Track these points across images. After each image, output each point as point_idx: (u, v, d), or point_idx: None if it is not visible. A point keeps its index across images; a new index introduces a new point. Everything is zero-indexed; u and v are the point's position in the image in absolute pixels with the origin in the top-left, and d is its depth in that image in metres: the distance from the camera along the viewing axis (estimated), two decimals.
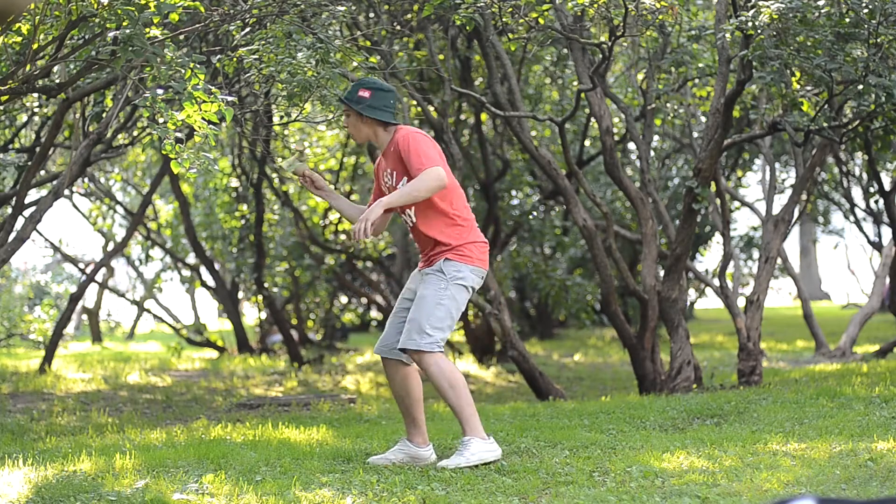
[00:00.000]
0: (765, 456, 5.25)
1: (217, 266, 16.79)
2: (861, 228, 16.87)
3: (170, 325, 16.40)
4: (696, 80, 10.28)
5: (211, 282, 15.78)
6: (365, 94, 5.47)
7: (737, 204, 15.55)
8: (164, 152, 5.68)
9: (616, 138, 10.98)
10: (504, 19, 8.06)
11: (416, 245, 5.64)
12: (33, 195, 11.97)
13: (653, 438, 5.92)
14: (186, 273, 17.79)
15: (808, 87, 8.21)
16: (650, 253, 8.65)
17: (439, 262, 5.42)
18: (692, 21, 9.63)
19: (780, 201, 12.18)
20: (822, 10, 7.33)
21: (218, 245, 16.37)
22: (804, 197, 12.92)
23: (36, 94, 9.61)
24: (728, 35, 7.88)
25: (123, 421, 7.94)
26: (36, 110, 10.85)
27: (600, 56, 8.49)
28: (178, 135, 5.69)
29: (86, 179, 14.53)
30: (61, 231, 32.16)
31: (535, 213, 14.78)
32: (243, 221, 15.37)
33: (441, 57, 9.81)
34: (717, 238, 17.38)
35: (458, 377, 5.35)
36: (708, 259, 19.88)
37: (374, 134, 5.54)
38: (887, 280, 12.19)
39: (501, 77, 9.31)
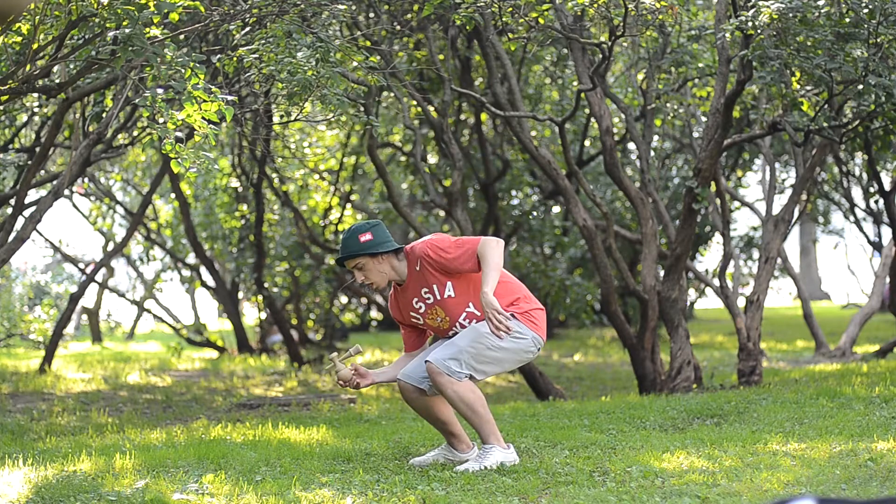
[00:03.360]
0: (765, 456, 5.24)
1: (217, 266, 16.78)
2: (861, 228, 16.87)
3: (170, 325, 16.39)
4: (696, 80, 10.28)
5: (211, 282, 15.78)
6: (367, 236, 5.36)
7: (737, 204, 15.55)
8: (164, 152, 5.68)
9: (616, 138, 10.98)
10: (504, 19, 8.06)
11: (441, 334, 5.47)
12: (33, 195, 11.97)
13: (653, 438, 5.92)
14: (186, 273, 17.78)
15: (808, 87, 8.21)
16: (650, 253, 8.65)
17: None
18: (692, 21, 9.62)
19: (780, 201, 12.21)
20: (822, 10, 7.33)
21: (218, 245, 16.37)
22: (804, 197, 12.92)
23: (36, 94, 9.61)
24: (728, 35, 7.88)
25: (123, 421, 7.94)
26: (36, 110, 10.85)
27: (600, 56, 8.49)
28: (178, 134, 5.69)
29: (86, 179, 14.53)
30: (61, 231, 32.13)
31: (535, 213, 14.78)
32: (243, 221, 15.37)
33: (441, 57, 9.81)
34: (717, 238, 17.38)
35: (479, 397, 5.25)
36: (708, 259, 19.86)
37: (392, 269, 5.39)
38: (887, 280, 12.18)
39: (501, 77, 9.31)
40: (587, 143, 13.60)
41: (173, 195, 15.43)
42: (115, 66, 6.30)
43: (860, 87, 7.56)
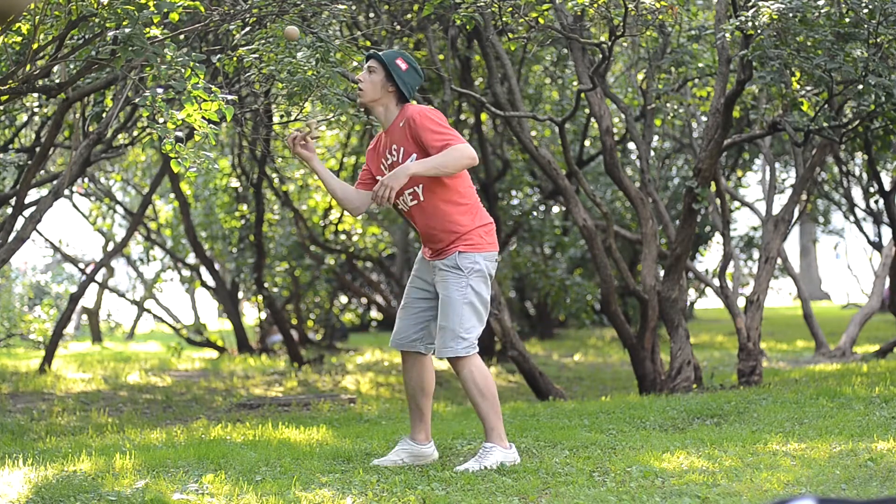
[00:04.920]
0: (765, 456, 5.24)
1: (217, 266, 16.78)
2: (861, 228, 16.87)
3: (170, 325, 16.39)
4: (696, 80, 10.28)
5: (211, 282, 15.78)
6: (402, 64, 5.38)
7: (737, 204, 15.55)
8: (164, 152, 5.68)
9: (616, 138, 10.98)
10: (504, 19, 8.06)
11: (418, 230, 5.50)
12: (33, 195, 11.97)
13: (653, 438, 5.92)
14: (186, 273, 17.79)
15: (808, 87, 8.21)
16: (650, 253, 8.65)
17: (452, 255, 5.32)
18: (692, 21, 9.63)
19: (780, 201, 12.22)
20: (822, 10, 7.33)
21: (218, 245, 16.36)
22: (804, 197, 12.92)
23: (36, 94, 9.61)
24: (728, 35, 7.88)
25: (123, 421, 7.94)
26: (36, 110, 10.84)
27: (600, 56, 8.49)
28: (179, 134, 5.69)
29: (86, 179, 14.53)
30: (61, 231, 32.10)
31: (535, 213, 14.78)
32: (243, 221, 15.37)
33: (441, 57, 9.81)
34: (717, 238, 17.38)
35: (491, 384, 5.31)
36: (708, 259, 19.87)
37: (386, 104, 5.40)
38: (887, 280, 12.18)
39: (501, 77, 9.31)
40: (587, 143, 13.60)
41: (173, 195, 15.43)
42: (115, 66, 6.30)
43: (860, 87, 7.56)
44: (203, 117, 5.60)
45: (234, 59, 7.18)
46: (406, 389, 5.60)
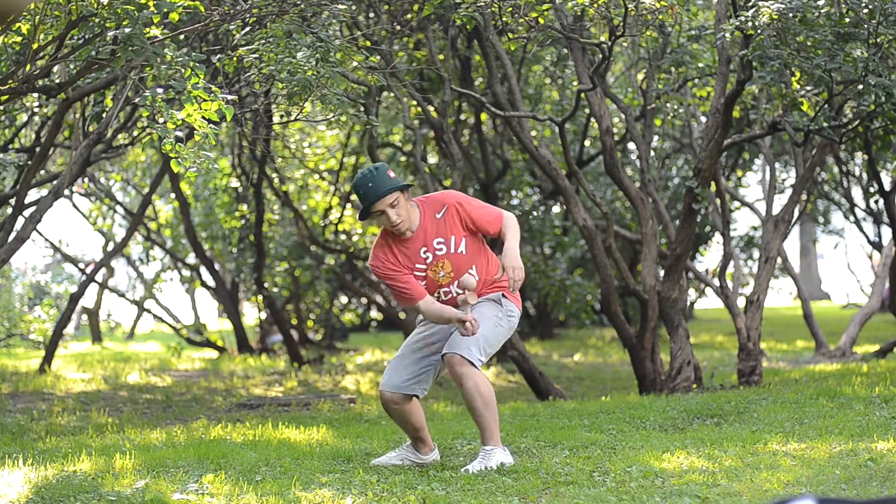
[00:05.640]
0: (765, 456, 5.24)
1: (217, 266, 16.78)
2: (861, 228, 16.87)
3: (170, 325, 16.39)
4: (696, 80, 10.28)
5: (211, 282, 15.78)
6: (391, 172, 5.27)
7: (737, 204, 15.55)
8: (164, 152, 5.69)
9: (616, 138, 10.98)
10: (504, 19, 8.06)
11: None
12: (33, 195, 11.96)
13: (653, 438, 5.92)
14: (186, 273, 17.79)
15: (808, 87, 8.21)
16: (650, 253, 8.65)
17: (497, 294, 5.38)
18: (692, 21, 9.62)
19: (780, 201, 12.20)
20: (822, 10, 7.33)
21: (218, 245, 16.36)
22: (804, 197, 12.92)
23: (36, 94, 9.61)
24: (728, 35, 7.88)
25: (123, 421, 7.94)
26: (36, 110, 10.84)
27: (600, 56, 8.49)
28: (179, 134, 5.69)
29: (86, 179, 14.53)
30: (61, 231, 32.06)
31: (535, 213, 14.79)
32: (243, 221, 15.37)
33: (441, 57, 9.82)
34: (717, 238, 17.38)
35: (492, 394, 5.29)
36: (708, 259, 19.86)
37: (409, 209, 5.28)
38: (887, 280, 12.18)
39: (501, 77, 9.31)
40: (587, 143, 13.60)
41: (173, 195, 15.43)
42: (115, 66, 6.29)
43: (860, 87, 7.56)
44: (203, 117, 5.60)
45: (234, 59, 7.19)
46: (399, 426, 5.57)
